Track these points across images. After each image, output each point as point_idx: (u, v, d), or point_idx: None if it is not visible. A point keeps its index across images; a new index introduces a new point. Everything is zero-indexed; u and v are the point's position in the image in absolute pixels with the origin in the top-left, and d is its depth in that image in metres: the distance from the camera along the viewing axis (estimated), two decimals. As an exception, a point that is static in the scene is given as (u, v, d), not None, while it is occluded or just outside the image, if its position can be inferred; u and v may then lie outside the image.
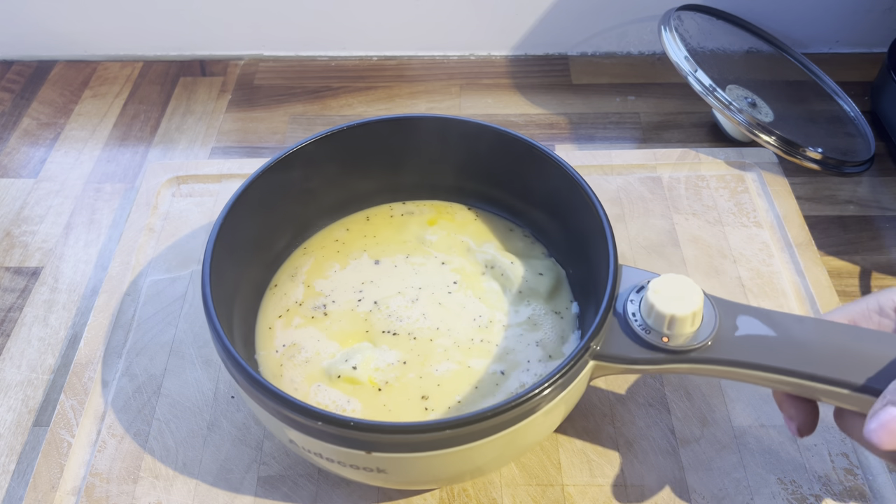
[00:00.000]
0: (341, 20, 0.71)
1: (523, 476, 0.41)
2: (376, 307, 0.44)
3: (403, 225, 0.49)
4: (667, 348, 0.35)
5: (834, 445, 0.42)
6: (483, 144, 0.46)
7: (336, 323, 0.43)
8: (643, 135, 0.65)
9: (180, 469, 0.42)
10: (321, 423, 0.32)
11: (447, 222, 0.49)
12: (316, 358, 0.42)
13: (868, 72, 0.69)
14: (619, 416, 0.44)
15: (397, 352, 0.42)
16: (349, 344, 0.42)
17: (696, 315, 0.35)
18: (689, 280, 0.36)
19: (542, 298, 0.44)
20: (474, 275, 0.46)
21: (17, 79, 0.71)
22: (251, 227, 0.43)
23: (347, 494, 0.41)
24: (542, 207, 0.47)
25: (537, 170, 0.45)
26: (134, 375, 0.46)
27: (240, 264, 0.42)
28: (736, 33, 0.67)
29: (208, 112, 0.68)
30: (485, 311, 0.44)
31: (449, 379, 0.40)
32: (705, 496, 0.40)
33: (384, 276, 0.46)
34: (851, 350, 0.34)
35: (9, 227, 0.57)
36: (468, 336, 0.42)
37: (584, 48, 0.73)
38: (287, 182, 0.45)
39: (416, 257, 0.47)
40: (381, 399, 0.40)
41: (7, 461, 0.44)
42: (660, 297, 0.35)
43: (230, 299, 0.40)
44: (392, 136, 0.47)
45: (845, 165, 0.58)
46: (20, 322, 0.51)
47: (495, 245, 0.48)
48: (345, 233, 0.48)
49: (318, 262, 0.47)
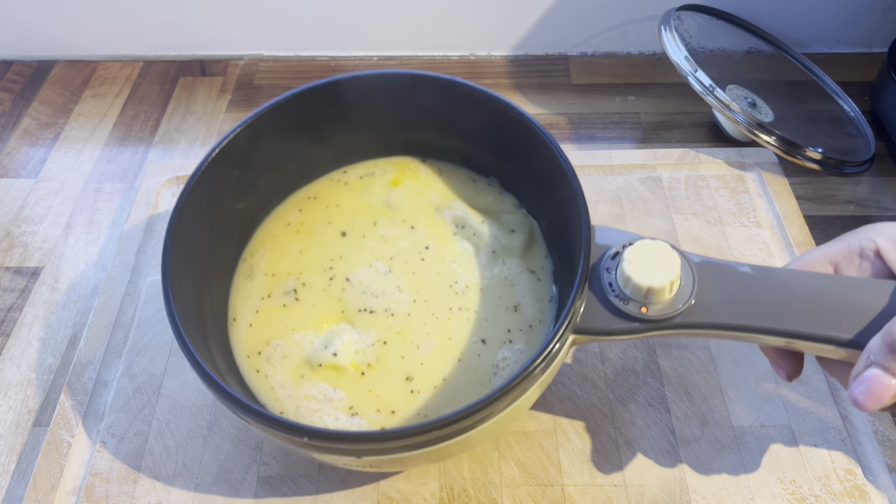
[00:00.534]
0: (341, 20, 0.71)
1: (523, 476, 0.41)
2: (349, 284, 0.42)
3: (366, 189, 0.46)
4: (646, 318, 0.34)
5: (834, 445, 0.42)
6: (439, 97, 0.44)
7: (310, 307, 0.42)
8: (643, 135, 0.65)
9: (180, 469, 0.42)
10: (307, 438, 0.32)
11: (411, 181, 0.47)
12: (294, 350, 0.40)
13: (868, 72, 0.69)
14: (618, 416, 0.44)
15: (376, 331, 0.41)
16: (326, 327, 0.41)
17: (673, 283, 0.34)
18: (665, 245, 0.35)
19: (516, 256, 0.43)
20: (446, 236, 0.44)
21: (17, 79, 0.71)
22: (203, 230, 0.40)
23: (347, 494, 0.41)
24: (509, 159, 0.45)
25: (497, 120, 0.43)
26: (134, 375, 0.46)
27: (198, 277, 0.40)
28: (736, 33, 0.67)
29: (208, 112, 0.68)
30: (460, 275, 0.43)
31: (431, 356, 0.40)
32: (705, 496, 0.40)
33: (353, 248, 0.44)
34: (833, 303, 0.33)
35: (9, 227, 0.57)
36: (446, 306, 0.41)
37: (584, 48, 0.73)
38: (229, 173, 0.42)
39: (383, 223, 0.45)
40: (366, 384, 0.39)
41: (7, 461, 0.44)
42: (636, 268, 0.34)
43: (199, 316, 0.39)
44: (335, 101, 0.44)
45: (845, 165, 0.58)
46: (20, 322, 0.51)
47: (464, 201, 0.46)
48: (298, 213, 0.46)
49: (276, 249, 0.44)
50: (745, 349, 0.47)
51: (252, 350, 0.41)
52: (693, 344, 0.47)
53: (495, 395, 0.32)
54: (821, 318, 0.33)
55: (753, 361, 0.46)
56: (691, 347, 0.47)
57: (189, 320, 0.36)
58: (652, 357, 0.46)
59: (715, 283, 0.35)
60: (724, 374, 0.46)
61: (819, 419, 0.43)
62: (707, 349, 0.47)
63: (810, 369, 0.46)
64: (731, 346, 0.47)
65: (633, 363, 0.46)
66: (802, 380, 0.45)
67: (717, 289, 0.35)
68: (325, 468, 0.41)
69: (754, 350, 0.47)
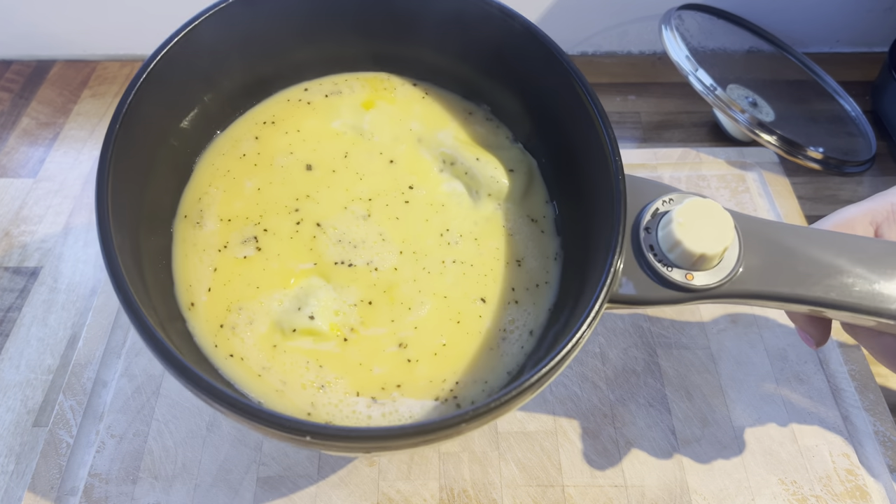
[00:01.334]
0: (341, 19, 0.70)
1: (523, 476, 0.41)
2: (321, 231, 0.35)
3: (332, 110, 0.39)
4: (692, 287, 0.30)
5: (835, 446, 0.42)
6: None
7: (274, 258, 0.35)
8: (644, 134, 0.65)
9: (179, 470, 0.41)
10: (309, 437, 0.27)
11: (386, 104, 0.39)
12: (261, 312, 0.34)
13: (869, 71, 0.69)
14: (619, 417, 0.44)
15: (357, 289, 0.34)
16: (295, 283, 0.34)
17: (726, 250, 0.30)
18: (717, 205, 0.31)
19: (514, 200, 0.38)
20: (431, 173, 0.38)
21: (16, 78, 0.71)
22: (137, 166, 0.33)
23: (347, 494, 0.40)
24: (503, 79, 0.39)
25: (493, 32, 0.37)
26: (133, 376, 0.45)
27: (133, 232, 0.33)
28: (737, 33, 0.67)
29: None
30: (452, 222, 0.37)
31: (426, 318, 0.34)
32: (706, 497, 0.40)
33: (322, 186, 0.37)
34: (882, 272, 0.31)
35: (8, 226, 0.57)
36: (438, 258, 0.36)
37: (585, 47, 0.73)
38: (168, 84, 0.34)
39: (356, 155, 0.38)
40: (354, 356, 0.33)
41: (6, 462, 0.44)
42: (687, 231, 0.30)
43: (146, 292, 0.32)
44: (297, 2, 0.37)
45: (846, 165, 0.58)
46: (19, 322, 0.51)
47: (452, 132, 0.39)
48: (254, 142, 0.38)
49: (230, 189, 0.36)
50: (746, 349, 0.47)
51: (214, 325, 0.34)
52: (693, 344, 0.47)
53: (532, 377, 0.27)
54: (873, 290, 0.31)
55: (754, 362, 0.46)
56: (692, 348, 0.47)
57: (141, 297, 0.30)
58: (652, 357, 0.46)
59: (759, 246, 0.32)
60: (724, 374, 0.45)
61: (820, 419, 0.43)
62: (707, 349, 0.47)
63: (811, 369, 0.45)
64: (732, 347, 0.47)
65: (634, 363, 0.46)
66: (802, 380, 0.45)
67: (761, 254, 0.32)
68: (324, 469, 0.41)
69: (755, 350, 0.46)
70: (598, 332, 0.47)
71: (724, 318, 0.48)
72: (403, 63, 0.40)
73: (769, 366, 0.46)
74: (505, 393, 0.27)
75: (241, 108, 0.39)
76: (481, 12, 0.36)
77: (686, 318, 0.48)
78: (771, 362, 0.46)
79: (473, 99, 0.41)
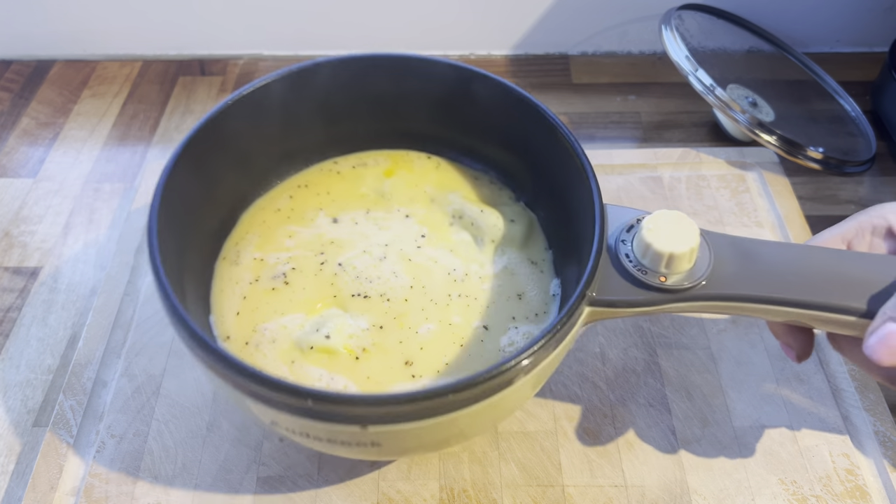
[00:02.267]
0: (341, 20, 0.71)
1: (523, 476, 0.41)
2: (342, 269, 0.41)
3: (358, 178, 0.45)
4: (665, 287, 0.34)
5: (834, 446, 0.42)
6: (436, 84, 0.43)
7: (300, 291, 0.40)
8: (644, 134, 0.65)
9: (179, 469, 0.41)
10: (311, 401, 0.29)
11: (406, 172, 0.46)
12: (283, 333, 0.39)
13: (869, 71, 0.69)
14: (619, 417, 0.44)
15: (370, 316, 0.39)
16: (317, 311, 0.39)
17: (693, 251, 0.34)
18: (683, 214, 0.35)
19: (516, 246, 0.43)
20: (442, 226, 0.43)
21: (16, 78, 0.71)
22: (185, 207, 0.38)
23: (347, 495, 0.40)
24: (507, 148, 0.44)
25: (498, 106, 0.42)
26: (133, 376, 0.45)
27: (182, 256, 0.38)
28: (737, 33, 0.67)
29: (208, 112, 0.67)
30: (458, 264, 0.41)
31: (431, 340, 0.38)
32: (706, 497, 0.40)
33: (345, 234, 0.42)
34: (850, 275, 0.34)
35: (8, 226, 0.57)
36: (445, 292, 0.40)
37: (585, 47, 0.73)
38: (217, 149, 0.41)
39: (377, 212, 0.44)
40: (363, 370, 0.37)
41: (6, 461, 0.44)
42: (655, 235, 0.34)
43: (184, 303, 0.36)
44: (334, 83, 0.43)
45: (846, 165, 0.58)
46: (19, 322, 0.51)
47: (460, 193, 0.45)
48: (288, 200, 0.45)
49: (265, 235, 0.43)
50: (746, 349, 0.47)
51: (241, 343, 0.39)
52: (694, 344, 0.47)
53: (519, 356, 0.30)
54: (837, 289, 0.33)
55: (754, 362, 0.46)
56: (692, 348, 0.47)
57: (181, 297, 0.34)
58: (653, 357, 0.46)
59: (731, 256, 0.35)
60: (724, 374, 0.45)
61: (820, 419, 0.43)
62: (708, 349, 0.47)
63: (811, 369, 0.45)
64: (732, 347, 0.47)
65: (634, 363, 0.46)
66: (803, 379, 0.45)
67: (733, 262, 0.35)
68: (324, 468, 0.41)
69: (755, 350, 0.46)
70: (599, 332, 0.48)
71: (725, 319, 0.48)
72: (421, 139, 0.47)
73: (769, 366, 0.46)
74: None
75: (282, 176, 0.46)
76: (488, 91, 0.42)
77: (686, 318, 0.48)
78: (771, 362, 0.46)
79: (480, 167, 0.47)
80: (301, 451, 0.42)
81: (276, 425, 0.33)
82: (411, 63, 0.43)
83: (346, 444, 0.33)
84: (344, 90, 0.43)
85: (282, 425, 0.33)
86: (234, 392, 0.32)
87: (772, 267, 0.35)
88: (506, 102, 0.41)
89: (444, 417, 0.31)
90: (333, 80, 0.43)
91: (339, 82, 0.43)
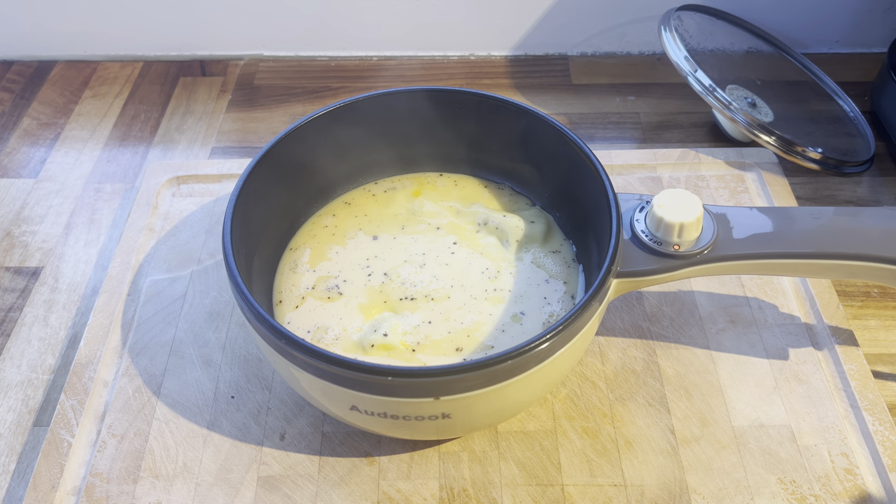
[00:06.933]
0: (341, 20, 0.71)
1: (523, 476, 0.41)
2: (387, 278, 0.46)
3: (390, 200, 0.51)
4: (680, 254, 0.40)
5: (834, 445, 0.42)
6: (452, 109, 0.49)
7: (353, 300, 0.45)
8: (643, 135, 0.65)
9: (180, 469, 0.42)
10: (391, 377, 0.33)
11: (430, 191, 0.51)
12: (344, 334, 0.43)
13: (868, 72, 0.69)
14: (619, 416, 0.44)
15: (419, 314, 0.44)
16: (371, 316, 0.44)
17: (699, 220, 0.40)
18: (686, 192, 0.41)
19: (538, 243, 0.48)
20: (470, 233, 0.48)
21: (18, 79, 0.71)
22: (253, 221, 0.44)
23: (347, 494, 0.41)
24: (521, 161, 0.49)
25: (510, 124, 0.48)
26: (134, 375, 0.46)
27: (248, 262, 0.42)
28: (736, 33, 0.67)
29: (208, 112, 0.68)
30: (490, 263, 0.46)
31: (476, 328, 0.43)
32: (705, 496, 0.40)
33: (386, 248, 0.48)
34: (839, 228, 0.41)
35: (9, 227, 0.57)
36: (482, 288, 0.45)
37: (584, 48, 0.73)
38: (279, 174, 0.46)
39: (411, 227, 0.49)
40: (419, 359, 0.41)
41: (7, 461, 0.44)
42: (666, 210, 0.40)
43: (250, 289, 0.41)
44: (373, 114, 0.49)
45: (845, 165, 0.58)
46: (20, 322, 0.51)
47: (482, 203, 0.50)
48: (332, 218, 0.50)
49: (315, 248, 0.48)
50: (745, 349, 0.47)
51: (301, 329, 0.43)
52: (693, 344, 0.47)
53: (566, 320, 0.35)
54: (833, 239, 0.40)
55: (753, 361, 0.46)
56: (691, 347, 0.47)
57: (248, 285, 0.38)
58: (652, 357, 0.46)
59: (733, 222, 0.42)
60: (723, 374, 0.46)
61: (819, 419, 0.43)
62: (707, 349, 0.47)
63: (810, 369, 0.46)
64: (731, 346, 0.47)
65: (633, 363, 0.46)
66: (801, 379, 0.45)
67: (737, 227, 0.41)
68: (325, 468, 0.42)
69: (754, 350, 0.47)
70: (598, 331, 0.48)
71: (724, 319, 0.48)
72: (441, 161, 0.52)
73: (768, 366, 0.46)
74: None
75: (319, 204, 0.51)
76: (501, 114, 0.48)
77: (685, 318, 0.48)
78: (770, 362, 0.46)
79: (496, 180, 0.52)
80: (301, 451, 0.42)
81: (354, 410, 0.37)
82: (458, 96, 0.48)
83: (419, 419, 0.36)
84: (407, 117, 0.49)
85: (361, 408, 0.36)
86: (317, 381, 0.36)
87: (772, 226, 0.41)
88: (515, 120, 0.47)
89: (508, 382, 0.35)
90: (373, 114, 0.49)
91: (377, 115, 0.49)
